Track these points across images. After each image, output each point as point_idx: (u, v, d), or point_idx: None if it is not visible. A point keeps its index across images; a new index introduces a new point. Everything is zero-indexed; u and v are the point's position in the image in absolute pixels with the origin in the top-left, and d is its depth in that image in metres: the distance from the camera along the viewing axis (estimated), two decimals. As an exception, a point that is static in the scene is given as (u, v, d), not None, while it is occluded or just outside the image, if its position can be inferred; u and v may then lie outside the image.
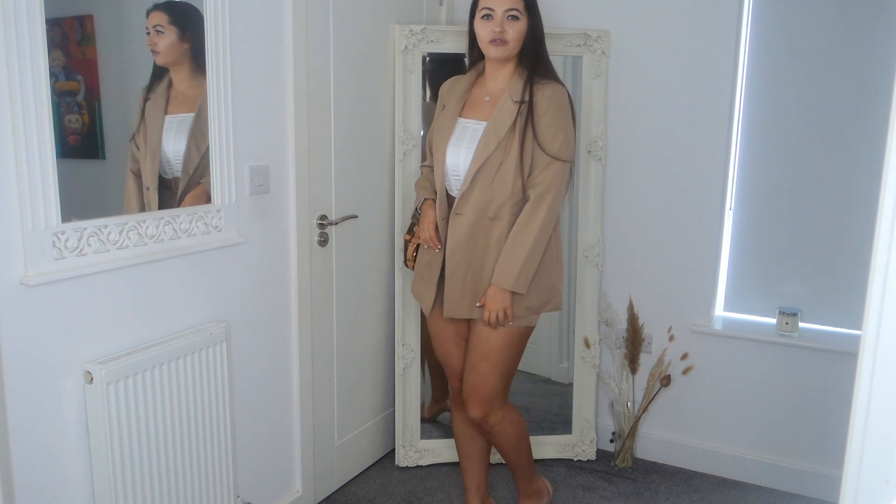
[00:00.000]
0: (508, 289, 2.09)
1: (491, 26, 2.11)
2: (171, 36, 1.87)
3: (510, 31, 2.11)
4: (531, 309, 2.18)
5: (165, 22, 1.85)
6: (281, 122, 2.27)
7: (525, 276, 2.09)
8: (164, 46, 1.85)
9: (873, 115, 2.54)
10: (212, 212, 2.03)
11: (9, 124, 1.50)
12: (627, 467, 2.94)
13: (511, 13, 2.10)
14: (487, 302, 2.12)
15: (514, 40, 2.13)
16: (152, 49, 1.84)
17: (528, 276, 2.10)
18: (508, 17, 2.11)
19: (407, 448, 2.90)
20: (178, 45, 1.89)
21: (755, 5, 2.69)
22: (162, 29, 1.84)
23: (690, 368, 2.88)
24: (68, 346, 1.69)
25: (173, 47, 1.88)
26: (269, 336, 2.33)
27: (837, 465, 1.03)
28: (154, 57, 1.85)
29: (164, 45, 1.85)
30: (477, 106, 2.22)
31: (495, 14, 2.11)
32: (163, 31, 1.85)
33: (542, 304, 2.21)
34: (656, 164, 2.86)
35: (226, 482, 2.07)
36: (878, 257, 0.79)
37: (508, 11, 2.10)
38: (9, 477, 1.59)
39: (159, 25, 1.84)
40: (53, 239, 1.60)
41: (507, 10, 2.10)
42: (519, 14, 2.11)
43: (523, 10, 2.12)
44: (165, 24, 1.85)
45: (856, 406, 0.82)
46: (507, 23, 2.11)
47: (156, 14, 1.82)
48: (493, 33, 2.11)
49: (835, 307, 2.73)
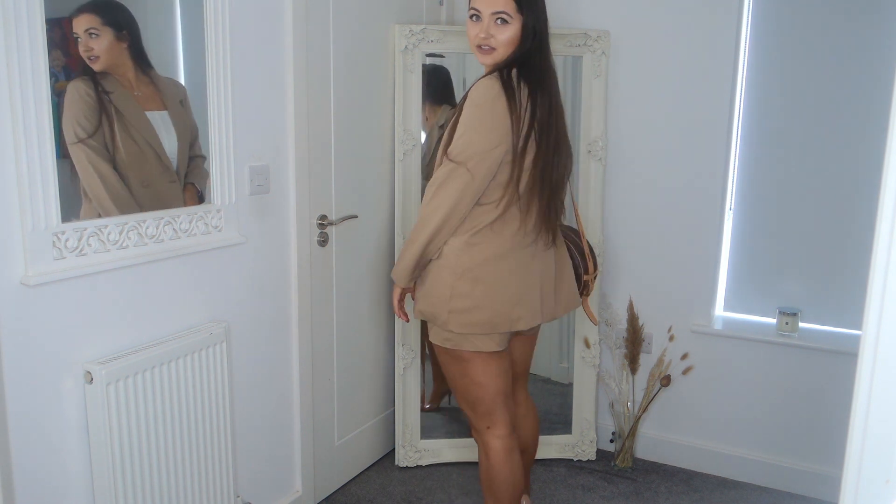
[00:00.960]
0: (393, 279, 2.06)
1: (477, 29, 1.90)
2: (108, 37, 1.72)
3: (498, 36, 1.87)
4: (421, 313, 2.04)
5: (98, 24, 1.69)
6: (281, 122, 2.27)
7: (399, 266, 2.01)
8: (102, 50, 1.70)
9: (873, 114, 2.54)
10: (212, 212, 2.02)
11: (9, 124, 1.50)
12: (627, 467, 2.94)
13: (499, 16, 1.86)
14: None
15: (503, 45, 1.88)
16: (87, 56, 1.67)
17: (403, 268, 1.99)
18: (497, 21, 1.87)
19: (407, 448, 2.90)
20: (116, 45, 1.75)
21: (755, 5, 2.69)
22: (96, 32, 1.69)
23: (690, 368, 2.88)
24: (68, 346, 1.69)
25: (111, 49, 1.73)
26: (269, 336, 2.33)
27: (837, 465, 1.02)
28: (91, 64, 1.68)
29: (101, 48, 1.69)
30: None
31: (482, 15, 1.88)
32: (97, 34, 1.69)
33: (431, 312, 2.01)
34: (656, 164, 2.86)
35: (226, 482, 2.07)
36: (878, 257, 0.79)
37: (496, 14, 1.86)
38: (9, 477, 1.59)
39: (92, 28, 1.67)
40: (53, 239, 1.60)
41: (495, 13, 1.87)
42: (508, 17, 1.86)
43: (514, 13, 1.86)
44: (99, 25, 1.69)
45: (856, 406, 0.82)
46: (495, 27, 1.87)
47: (84, 17, 1.66)
48: (479, 38, 1.89)
49: (835, 307, 2.73)
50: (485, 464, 2.13)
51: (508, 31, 1.88)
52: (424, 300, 2.02)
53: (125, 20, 1.78)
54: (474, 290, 1.95)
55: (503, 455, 2.10)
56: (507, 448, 2.11)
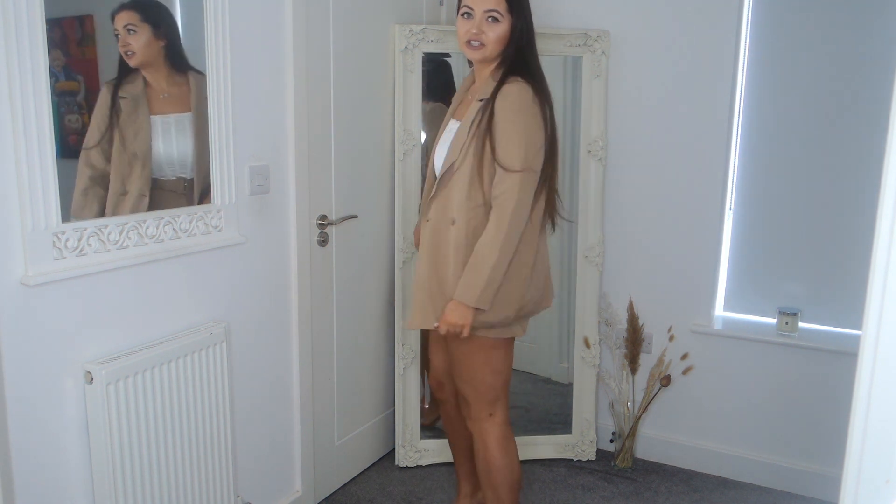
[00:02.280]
0: (471, 305, 1.97)
1: (468, 26, 2.01)
2: (146, 34, 1.79)
3: (489, 33, 1.99)
4: (487, 323, 2.03)
5: (137, 20, 1.76)
6: (281, 122, 2.27)
7: (489, 292, 1.96)
8: (139, 46, 1.77)
9: (873, 114, 2.54)
10: (212, 212, 2.03)
11: (9, 124, 1.50)
12: (627, 467, 2.94)
13: (491, 14, 1.98)
14: (446, 314, 2.00)
15: (493, 42, 2.00)
16: (125, 52, 1.75)
17: (492, 292, 1.97)
18: (488, 19, 1.99)
19: (407, 448, 2.90)
20: (154, 43, 1.81)
21: (755, 5, 2.69)
22: (134, 28, 1.76)
23: (690, 368, 2.88)
24: (68, 346, 1.69)
25: (149, 46, 1.80)
26: (269, 336, 2.33)
27: (837, 465, 1.02)
28: (128, 60, 1.76)
29: (138, 44, 1.77)
30: (466, 106, 2.14)
31: (474, 13, 2.00)
32: (135, 31, 1.76)
33: (502, 320, 2.05)
34: (656, 164, 2.86)
35: (226, 482, 2.08)
36: (878, 257, 0.79)
37: (488, 13, 1.98)
38: (9, 477, 1.59)
39: (131, 25, 1.75)
40: (53, 239, 1.60)
41: (487, 11, 1.98)
42: (499, 16, 1.99)
43: (505, 12, 1.99)
44: (137, 22, 1.76)
45: (856, 406, 0.82)
46: (487, 24, 1.99)
47: (125, 14, 1.74)
48: (470, 34, 2.00)
49: (835, 307, 2.73)
50: (482, 453, 2.17)
51: (499, 29, 2.00)
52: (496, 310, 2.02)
53: (164, 19, 1.85)
54: (534, 276, 2.10)
55: (502, 442, 2.17)
56: (506, 436, 2.18)
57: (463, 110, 2.13)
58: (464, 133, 2.02)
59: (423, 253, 2.12)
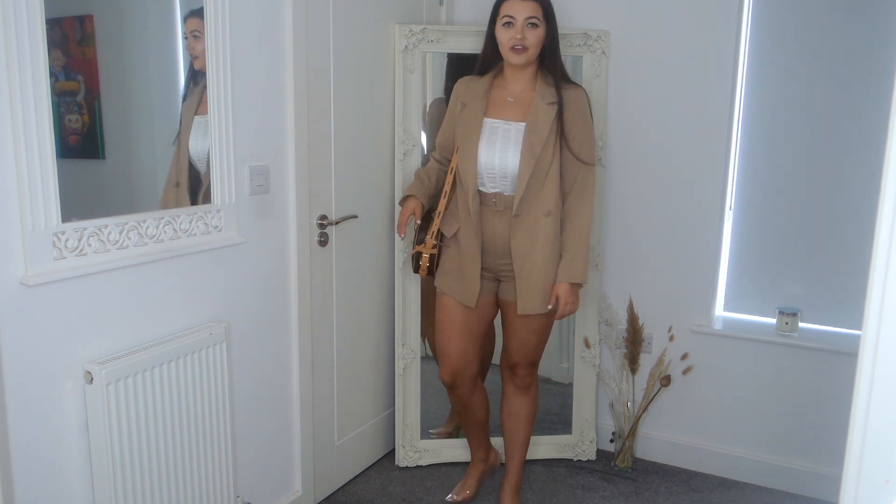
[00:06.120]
0: (579, 282, 2.33)
1: (512, 33, 2.25)
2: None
3: (530, 38, 2.24)
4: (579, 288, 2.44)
5: (202, 28, 1.93)
6: (281, 122, 2.27)
7: (587, 268, 2.34)
8: (202, 50, 1.94)
9: (873, 114, 2.54)
10: (212, 212, 2.03)
11: (9, 124, 1.50)
12: (627, 467, 2.94)
13: (531, 20, 2.24)
14: (562, 298, 2.31)
15: (534, 46, 2.26)
16: (192, 54, 1.93)
17: (587, 267, 2.35)
18: (528, 25, 2.24)
19: (407, 448, 2.90)
20: None
21: (755, 5, 2.69)
22: (199, 34, 1.92)
23: (690, 368, 2.88)
24: (68, 346, 1.69)
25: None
26: (269, 336, 2.33)
27: (837, 465, 1.02)
28: (193, 62, 1.94)
29: (201, 48, 1.93)
30: (502, 106, 2.34)
31: (516, 21, 2.24)
32: (200, 36, 1.93)
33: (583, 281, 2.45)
34: (656, 163, 2.86)
35: (226, 482, 2.08)
36: (878, 257, 0.79)
37: (529, 19, 2.24)
38: (9, 477, 1.59)
39: (196, 31, 1.92)
40: (53, 239, 1.60)
41: (528, 18, 2.24)
42: (538, 21, 2.25)
43: (542, 18, 2.25)
44: (202, 29, 1.93)
45: (856, 406, 0.82)
46: (527, 30, 2.24)
47: (193, 20, 1.92)
48: (515, 40, 2.24)
49: (835, 307, 2.73)
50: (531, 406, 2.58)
51: (538, 34, 2.27)
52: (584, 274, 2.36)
53: None
54: None
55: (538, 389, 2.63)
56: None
57: (505, 111, 2.33)
58: (542, 133, 2.27)
59: (524, 243, 2.31)
